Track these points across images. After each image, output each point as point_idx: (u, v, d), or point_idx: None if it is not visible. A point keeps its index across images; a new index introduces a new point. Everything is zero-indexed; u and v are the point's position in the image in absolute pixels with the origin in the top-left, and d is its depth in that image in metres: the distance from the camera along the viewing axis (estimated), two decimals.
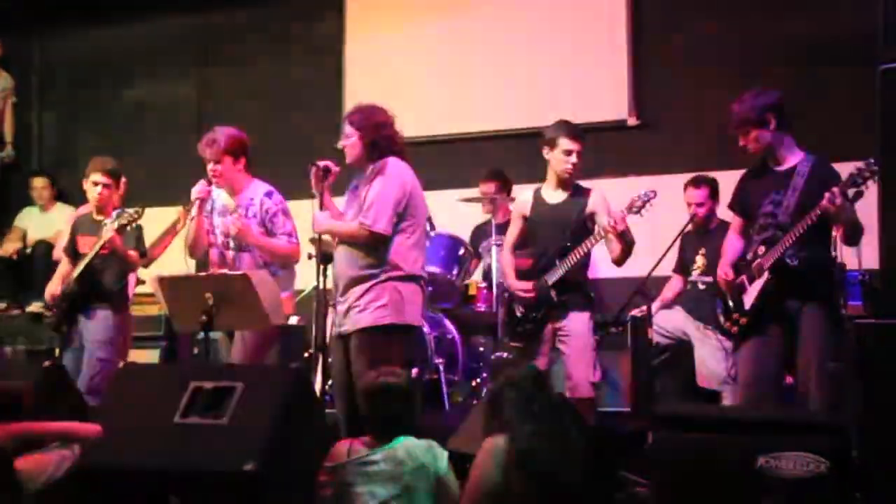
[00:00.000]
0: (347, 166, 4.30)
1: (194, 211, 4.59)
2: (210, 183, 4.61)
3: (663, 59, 6.52)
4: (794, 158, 4.05)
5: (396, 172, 4.16)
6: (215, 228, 4.69)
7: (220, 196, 4.70)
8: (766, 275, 3.97)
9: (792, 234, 3.87)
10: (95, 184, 5.09)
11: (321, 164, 4.21)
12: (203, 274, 4.56)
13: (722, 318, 4.21)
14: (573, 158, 4.47)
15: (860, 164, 3.73)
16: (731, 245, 4.26)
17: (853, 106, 5.46)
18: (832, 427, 3.02)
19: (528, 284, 4.51)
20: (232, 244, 4.62)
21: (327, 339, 4.26)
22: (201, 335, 4.20)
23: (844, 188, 3.75)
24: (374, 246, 4.08)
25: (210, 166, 4.61)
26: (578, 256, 4.42)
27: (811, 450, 2.97)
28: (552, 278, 4.47)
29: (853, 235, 3.96)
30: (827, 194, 3.75)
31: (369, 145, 4.15)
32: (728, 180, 5.20)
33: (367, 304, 4.06)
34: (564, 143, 4.46)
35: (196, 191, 4.57)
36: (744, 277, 4.05)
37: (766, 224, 4.03)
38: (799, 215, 3.91)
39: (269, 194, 4.63)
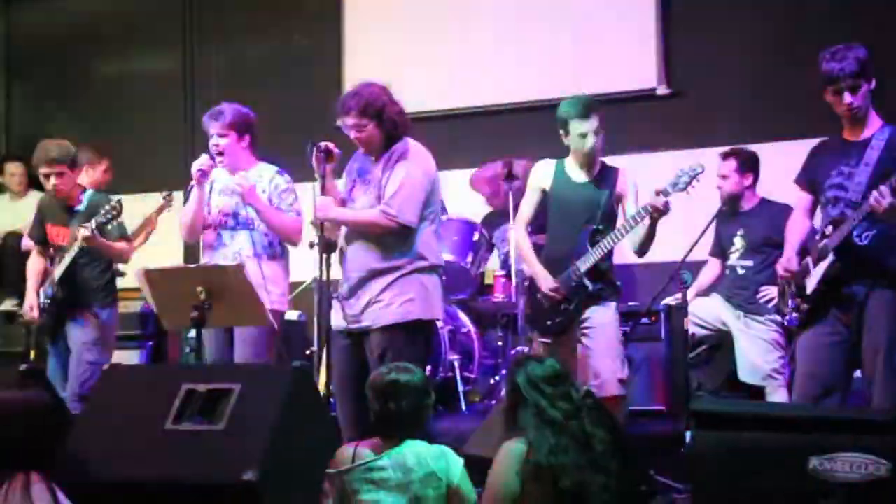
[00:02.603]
0: (348, 149, 4.29)
1: (193, 185, 4.58)
2: (212, 157, 4.60)
3: (696, 20, 6.46)
4: (872, 127, 3.97)
5: (421, 157, 4.17)
6: (213, 209, 4.68)
7: (221, 175, 4.70)
8: (830, 257, 3.91)
9: (860, 212, 3.79)
10: (46, 176, 5.06)
11: (322, 145, 4.19)
12: (193, 266, 4.55)
13: (781, 304, 4.16)
14: (591, 140, 4.39)
15: None
16: (797, 228, 4.16)
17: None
18: (892, 425, 2.98)
19: (556, 283, 4.44)
20: (231, 222, 4.62)
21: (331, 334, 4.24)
22: (192, 333, 4.18)
23: (894, 186, 3.66)
24: (397, 236, 4.08)
25: (213, 140, 4.63)
26: (616, 240, 4.36)
27: (870, 450, 2.93)
28: (585, 265, 4.40)
29: None
30: (874, 193, 3.69)
31: (386, 131, 4.15)
32: (772, 154, 5.18)
33: (392, 298, 4.06)
34: (576, 125, 4.39)
35: (198, 163, 4.56)
36: (809, 259, 4.00)
37: (836, 198, 3.95)
38: (872, 192, 3.79)
39: (280, 172, 4.70)
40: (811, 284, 3.97)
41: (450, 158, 6.64)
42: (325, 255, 4.18)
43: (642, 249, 4.43)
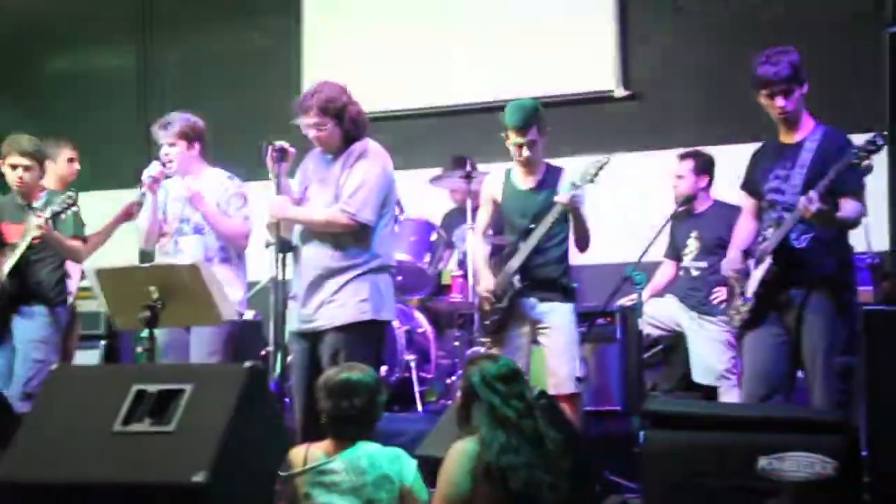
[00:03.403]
0: (303, 148, 4.30)
1: (140, 194, 4.61)
2: (163, 165, 4.66)
3: (653, 23, 6.51)
4: (805, 130, 4.03)
5: (380, 157, 4.19)
6: (168, 216, 4.71)
7: (175, 182, 4.74)
8: (768, 260, 3.96)
9: (796, 215, 3.85)
10: (13, 167, 5.00)
11: (277, 145, 4.19)
12: (146, 265, 4.52)
13: (726, 307, 4.21)
14: (525, 153, 4.44)
15: (864, 139, 3.73)
16: (742, 230, 4.22)
17: (854, 75, 5.48)
18: (839, 425, 3.03)
19: (490, 286, 4.52)
20: (186, 228, 4.64)
21: (286, 336, 4.23)
22: (145, 333, 4.14)
23: (822, 191, 3.72)
24: (354, 235, 4.09)
25: (163, 150, 4.69)
26: (539, 236, 4.40)
27: (817, 450, 2.98)
28: (516, 262, 4.47)
29: (845, 228, 3.97)
30: (803, 199, 3.75)
31: (346, 131, 4.16)
32: (727, 157, 5.23)
33: (346, 298, 4.06)
34: (512, 136, 4.45)
35: (149, 171, 4.61)
36: (749, 262, 4.05)
37: (774, 202, 4.01)
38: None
39: (230, 177, 4.74)
40: (752, 287, 4.02)
41: (408, 158, 6.66)
42: (280, 255, 4.16)
43: (578, 245, 4.48)
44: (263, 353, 5.28)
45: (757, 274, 4.00)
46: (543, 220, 4.40)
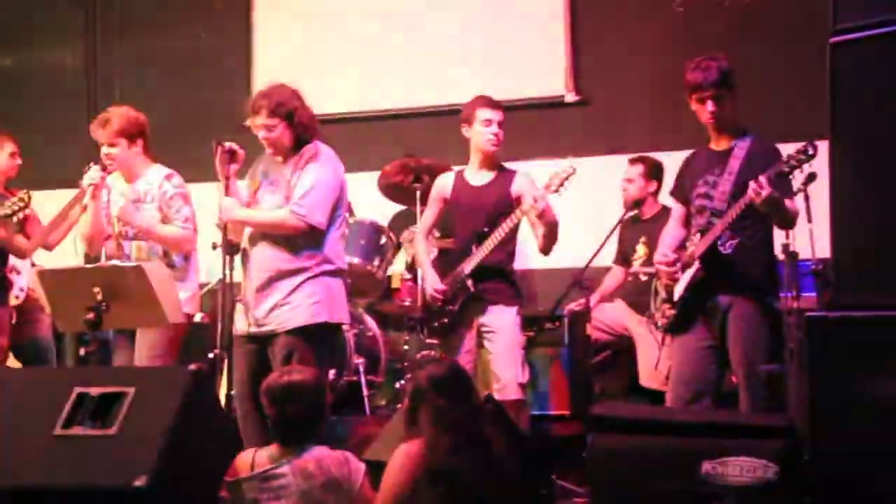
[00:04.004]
0: (253, 150, 4.27)
1: (87, 200, 4.51)
2: (104, 168, 4.53)
3: (604, 29, 6.55)
4: (734, 137, 4.09)
5: (331, 160, 4.19)
6: (112, 217, 4.61)
7: (117, 183, 4.65)
8: (695, 264, 4.01)
9: (724, 221, 3.92)
10: None
11: (227, 145, 4.17)
12: (90, 266, 4.45)
13: (652, 309, 4.26)
14: (494, 128, 4.49)
15: (796, 148, 3.80)
16: (670, 234, 4.28)
17: (799, 83, 5.57)
18: (781, 429, 3.07)
19: (441, 286, 4.52)
20: (130, 233, 4.57)
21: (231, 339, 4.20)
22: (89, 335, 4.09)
23: (772, 177, 3.78)
24: (305, 237, 4.09)
25: (104, 150, 4.56)
26: (496, 241, 4.42)
27: (759, 454, 3.01)
28: (469, 266, 4.47)
29: (784, 224, 4.04)
30: (753, 184, 3.79)
31: (296, 134, 4.16)
32: (676, 163, 5.28)
33: (299, 300, 4.06)
34: (483, 112, 4.49)
35: (89, 177, 4.49)
36: (678, 266, 4.10)
37: (702, 208, 4.07)
38: (735, 201, 3.93)
39: (168, 177, 4.61)
40: (678, 291, 4.07)
41: (359, 161, 6.63)
42: (228, 257, 4.15)
43: (544, 249, 4.49)
44: (211, 355, 5.22)
45: (684, 278, 4.06)
46: (501, 226, 4.41)
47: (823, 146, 3.39)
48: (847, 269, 2.92)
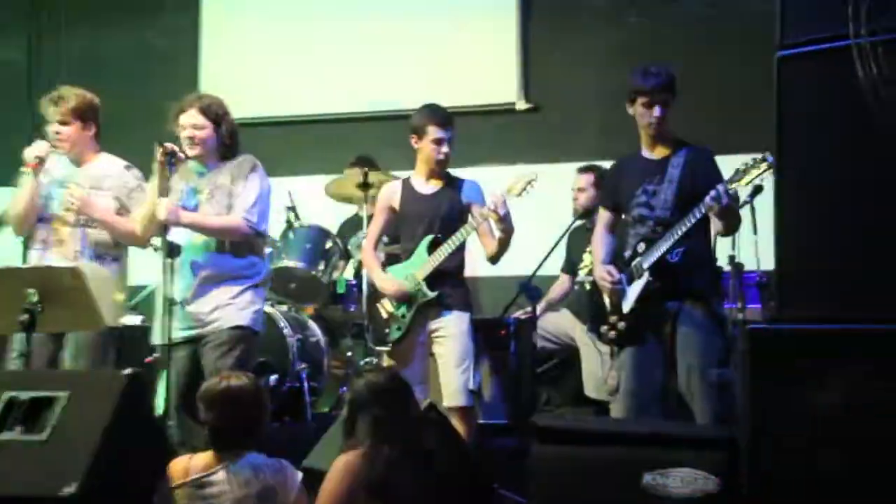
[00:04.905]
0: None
1: (27, 175, 4.33)
2: (53, 146, 4.39)
3: (555, 36, 6.58)
4: (669, 146, 4.11)
5: (265, 175, 4.29)
6: (49, 200, 4.45)
7: (61, 164, 4.49)
8: (645, 275, 4.02)
9: (674, 232, 3.93)
10: None
11: (169, 147, 4.12)
12: (25, 266, 4.34)
13: (597, 322, 4.26)
14: (445, 148, 4.47)
15: (751, 158, 3.83)
16: (601, 242, 4.29)
17: (744, 95, 5.63)
18: (722, 441, 3.08)
19: (398, 283, 4.48)
20: (72, 219, 4.42)
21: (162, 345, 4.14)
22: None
23: (729, 186, 3.81)
24: (248, 245, 4.22)
25: (54, 128, 4.42)
26: (451, 248, 4.40)
27: (700, 465, 3.02)
28: (423, 273, 4.44)
29: (731, 231, 4.11)
30: (712, 192, 3.81)
31: (221, 141, 4.23)
32: None
33: (243, 304, 4.16)
34: (433, 131, 4.46)
35: (35, 149, 4.33)
36: (622, 278, 4.10)
37: (643, 217, 4.08)
38: (678, 210, 3.96)
39: (128, 168, 4.54)
40: (629, 303, 4.07)
41: (305, 164, 6.62)
42: (168, 260, 4.05)
43: (495, 256, 4.48)
44: (148, 360, 5.13)
45: (634, 289, 4.06)
46: (457, 233, 4.40)
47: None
48: (790, 281, 2.93)
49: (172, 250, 4.07)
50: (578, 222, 5.46)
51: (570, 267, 5.50)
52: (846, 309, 2.77)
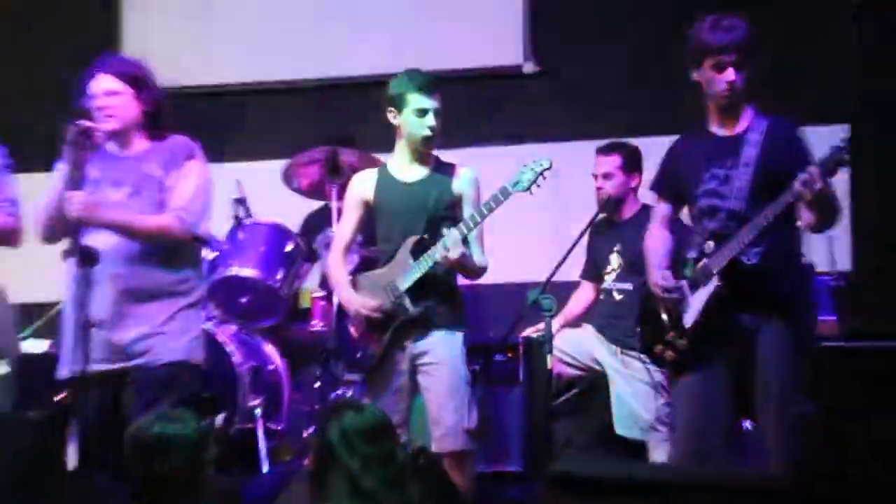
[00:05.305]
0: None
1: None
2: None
3: None
4: (746, 120, 4.10)
5: (205, 161, 4.30)
6: None
7: None
8: (714, 280, 4.00)
9: (752, 228, 3.90)
10: None
11: (84, 125, 4.13)
12: None
13: (649, 340, 4.23)
14: (430, 120, 4.45)
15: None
16: (659, 241, 4.27)
17: (801, 60, 5.64)
18: (784, 493, 3.06)
19: (373, 303, 4.48)
20: None
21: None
22: None
23: (828, 167, 3.76)
24: (184, 251, 4.24)
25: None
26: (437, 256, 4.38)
27: None
28: (405, 282, 4.43)
29: (828, 222, 4.03)
30: (803, 176, 3.76)
31: (144, 111, 4.22)
32: (656, 151, 5.28)
33: (177, 332, 4.16)
34: (415, 99, 4.44)
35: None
36: (683, 284, 4.08)
37: (712, 208, 4.06)
38: (756, 199, 3.94)
39: None
40: (691, 316, 4.05)
41: (259, 145, 6.60)
42: (83, 270, 4.05)
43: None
44: (57, 398, 5.11)
45: (699, 298, 4.04)
46: (437, 245, 4.37)
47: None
48: (869, 287, 2.92)
49: (87, 257, 4.05)
50: (602, 216, 5.44)
51: (594, 272, 5.48)
52: None
